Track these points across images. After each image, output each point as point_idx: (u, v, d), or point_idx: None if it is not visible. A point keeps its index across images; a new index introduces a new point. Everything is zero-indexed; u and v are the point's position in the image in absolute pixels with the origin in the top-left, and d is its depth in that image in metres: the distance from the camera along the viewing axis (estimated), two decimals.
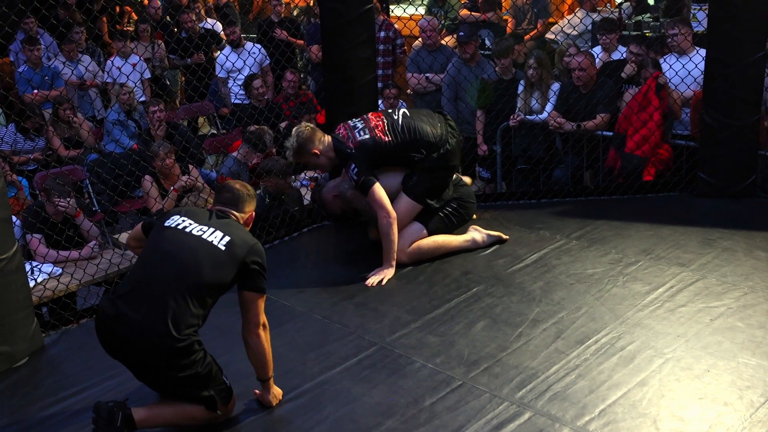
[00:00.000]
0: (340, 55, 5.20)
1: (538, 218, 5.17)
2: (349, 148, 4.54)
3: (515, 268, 4.53)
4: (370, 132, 4.57)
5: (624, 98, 5.85)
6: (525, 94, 6.25)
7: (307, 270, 4.77)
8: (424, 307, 4.16)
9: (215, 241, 3.14)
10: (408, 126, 4.59)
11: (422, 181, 4.62)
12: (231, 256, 3.12)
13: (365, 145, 4.53)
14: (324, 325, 4.05)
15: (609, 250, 4.68)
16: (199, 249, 3.12)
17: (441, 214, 4.75)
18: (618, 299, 4.08)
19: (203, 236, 3.15)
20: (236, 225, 3.26)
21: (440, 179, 4.68)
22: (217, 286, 3.11)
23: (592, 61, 6.06)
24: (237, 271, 3.13)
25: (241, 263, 3.13)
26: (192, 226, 3.20)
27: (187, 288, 3.05)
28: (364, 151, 4.52)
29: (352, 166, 4.50)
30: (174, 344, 2.99)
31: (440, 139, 4.61)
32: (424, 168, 4.60)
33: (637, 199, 5.54)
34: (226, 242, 3.14)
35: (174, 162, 5.88)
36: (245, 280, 3.16)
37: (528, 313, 4.01)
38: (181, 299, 3.03)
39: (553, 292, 4.21)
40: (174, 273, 3.07)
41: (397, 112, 4.69)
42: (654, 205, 5.40)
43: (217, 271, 3.10)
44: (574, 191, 5.70)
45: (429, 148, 4.57)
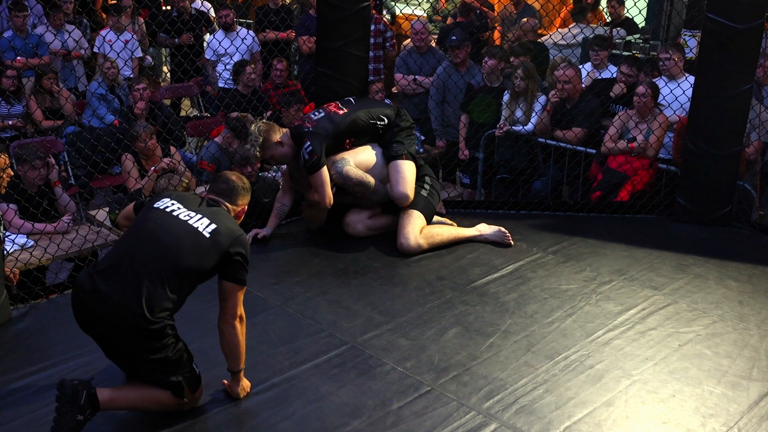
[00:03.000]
0: (334, 49, 5.19)
1: (516, 229, 5.20)
2: (306, 127, 4.72)
3: (490, 278, 4.56)
4: (324, 111, 4.82)
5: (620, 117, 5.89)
6: (511, 104, 6.28)
7: (281, 262, 4.76)
8: (398, 309, 4.17)
9: (200, 228, 3.13)
10: (360, 100, 4.98)
11: (401, 142, 4.92)
12: (214, 244, 3.12)
13: (321, 122, 4.75)
14: (296, 319, 4.05)
15: (584, 267, 4.73)
16: (183, 234, 3.11)
17: (423, 193, 4.96)
18: (590, 317, 4.12)
19: (189, 221, 3.14)
20: (225, 214, 3.25)
21: (412, 138, 5.02)
22: (196, 272, 3.10)
23: (578, 74, 6.11)
24: (219, 260, 3.12)
25: (224, 252, 3.13)
26: (180, 210, 3.19)
27: (165, 271, 3.04)
28: (321, 128, 4.71)
29: (307, 144, 4.64)
30: (146, 326, 2.98)
31: (392, 106, 5.08)
32: (395, 132, 4.92)
33: (614, 218, 5.59)
34: (212, 230, 3.14)
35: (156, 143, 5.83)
36: (227, 270, 3.15)
37: (500, 323, 4.04)
38: (158, 281, 3.02)
39: (527, 304, 4.24)
40: (154, 254, 3.06)
41: (349, 98, 5.00)
42: (631, 226, 5.45)
43: (198, 258, 3.09)
44: (553, 205, 5.74)
45: (387, 114, 4.94)
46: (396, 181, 4.85)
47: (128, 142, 5.80)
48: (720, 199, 5.43)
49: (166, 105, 7.45)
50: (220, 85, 7.75)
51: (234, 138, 6.16)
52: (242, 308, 3.22)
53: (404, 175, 4.85)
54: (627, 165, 5.70)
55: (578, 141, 5.96)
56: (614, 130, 5.80)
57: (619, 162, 5.72)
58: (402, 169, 4.87)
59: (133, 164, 5.82)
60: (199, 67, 8.16)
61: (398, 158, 4.88)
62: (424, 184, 5.01)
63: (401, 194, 4.82)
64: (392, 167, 4.88)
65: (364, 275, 4.58)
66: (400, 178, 4.84)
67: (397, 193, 4.83)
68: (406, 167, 4.88)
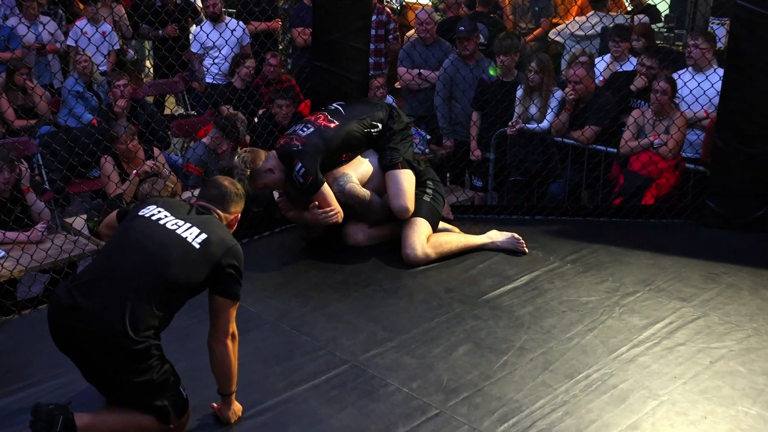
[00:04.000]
0: (331, 42, 5.19)
1: (531, 236, 5.19)
2: (294, 146, 4.66)
3: (503, 289, 4.55)
4: (313, 125, 4.76)
5: (634, 114, 5.89)
6: (524, 100, 6.28)
7: (276, 274, 4.76)
8: (403, 324, 4.16)
9: (189, 238, 3.12)
10: (350, 107, 4.92)
11: (396, 149, 4.90)
12: (205, 255, 3.11)
13: (311, 138, 4.69)
14: (292, 336, 4.05)
15: (606, 277, 4.72)
16: (171, 244, 3.10)
17: (426, 199, 4.96)
18: (613, 332, 4.11)
19: (177, 231, 3.13)
20: (217, 223, 3.25)
21: (408, 140, 5.02)
22: (185, 286, 3.09)
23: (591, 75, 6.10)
24: (210, 273, 3.12)
25: (215, 264, 3.12)
26: (167, 218, 3.18)
27: (151, 285, 3.03)
28: (311, 145, 4.66)
29: (298, 166, 4.61)
30: (130, 345, 2.97)
31: (383, 106, 5.02)
32: (389, 137, 4.90)
33: (638, 223, 5.58)
34: (202, 240, 3.13)
35: (139, 145, 5.84)
36: (218, 284, 3.15)
37: (515, 339, 4.03)
38: (143, 297, 3.00)
39: (543, 318, 4.23)
40: (139, 267, 3.05)
41: (331, 105, 4.96)
42: (656, 231, 5.45)
43: (187, 271, 3.08)
44: (571, 210, 5.74)
45: (381, 118, 4.91)
46: (394, 193, 4.85)
47: (108, 144, 5.79)
48: (753, 201, 5.41)
49: (148, 103, 7.45)
50: (207, 80, 7.76)
51: (223, 138, 6.16)
52: (234, 325, 3.21)
53: (403, 187, 4.85)
54: (651, 166, 5.70)
55: (591, 140, 5.96)
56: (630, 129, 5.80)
57: (642, 162, 5.71)
58: (400, 180, 4.86)
59: (113, 167, 5.82)
60: (184, 61, 8.17)
61: (394, 167, 4.88)
62: (426, 189, 5.01)
63: (401, 207, 4.83)
64: (389, 179, 4.88)
65: (366, 288, 4.57)
66: (398, 190, 4.84)
67: (397, 207, 4.83)
68: (403, 177, 4.88)
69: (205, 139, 6.34)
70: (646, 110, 5.84)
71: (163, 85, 8.03)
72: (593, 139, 5.99)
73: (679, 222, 5.60)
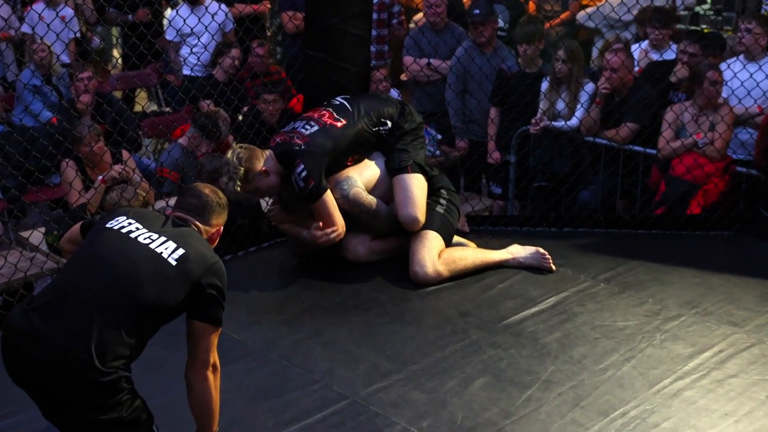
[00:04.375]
0: (327, 28, 5.21)
1: (559, 252, 5.20)
2: (296, 144, 4.66)
3: (527, 313, 4.56)
4: (317, 123, 4.75)
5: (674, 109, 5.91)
6: (550, 94, 6.30)
7: (264, 296, 4.77)
8: (410, 354, 4.17)
9: (165, 254, 3.12)
10: (356, 102, 4.93)
11: (406, 151, 4.93)
12: (183, 273, 3.11)
13: (316, 138, 4.69)
14: (282, 368, 4.05)
15: (645, 298, 4.72)
16: (143, 261, 3.10)
17: (439, 210, 4.98)
18: (653, 362, 4.11)
19: (151, 245, 3.14)
20: (196, 236, 3.25)
21: (420, 141, 5.04)
22: (160, 309, 3.09)
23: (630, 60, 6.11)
24: (188, 294, 3.12)
25: (194, 284, 3.12)
26: (139, 231, 3.18)
27: (121, 308, 3.03)
28: (317, 145, 4.66)
29: (300, 168, 4.60)
30: (96, 378, 2.97)
31: (393, 102, 5.06)
32: (398, 137, 4.93)
33: (682, 236, 5.60)
34: (179, 256, 3.13)
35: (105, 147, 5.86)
36: (197, 307, 3.15)
37: (540, 371, 4.03)
38: (111, 321, 3.00)
39: (573, 347, 4.24)
40: (106, 287, 3.05)
41: (334, 100, 4.97)
42: (703, 245, 5.46)
43: (162, 291, 3.08)
44: (605, 221, 5.75)
45: (391, 115, 4.93)
46: (403, 201, 4.86)
47: (69, 146, 5.81)
48: None
49: (116, 98, 7.47)
50: (184, 72, 7.79)
51: (202, 139, 6.18)
52: (216, 354, 3.21)
53: (412, 194, 4.87)
54: (697, 170, 5.71)
55: (628, 140, 5.97)
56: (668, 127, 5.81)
57: (686, 166, 5.72)
58: (409, 186, 4.88)
59: (75, 173, 5.84)
60: (158, 50, 8.19)
61: (403, 171, 4.91)
62: (439, 199, 5.04)
63: (410, 217, 4.84)
64: (397, 184, 4.90)
65: (368, 311, 4.58)
66: (407, 197, 4.86)
67: (406, 217, 4.85)
68: (414, 183, 4.90)
69: (182, 140, 6.37)
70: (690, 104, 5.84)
71: (133, 77, 8.07)
72: (630, 139, 6.00)
73: (729, 234, 5.63)
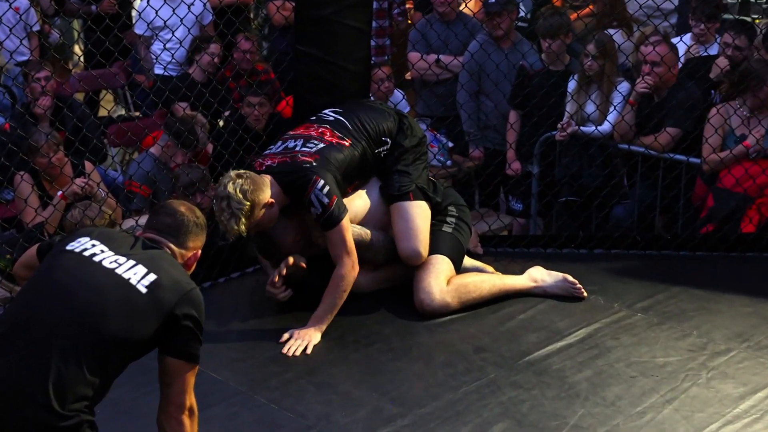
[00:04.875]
0: (321, 19, 5.23)
1: (589, 277, 5.20)
2: (306, 162, 4.59)
3: (552, 348, 4.56)
4: (321, 141, 4.71)
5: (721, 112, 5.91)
6: (579, 95, 6.32)
7: (249, 329, 4.78)
8: (418, 395, 4.17)
9: (134, 280, 3.13)
10: (353, 117, 4.88)
11: (407, 173, 4.89)
12: (154, 303, 3.12)
13: (326, 153, 4.64)
14: (270, 412, 4.05)
15: (689, 330, 4.73)
16: (109, 288, 3.11)
17: (447, 230, 4.98)
18: (699, 404, 4.10)
19: (117, 270, 3.15)
20: (170, 260, 3.26)
21: (422, 161, 5.01)
22: (128, 344, 3.10)
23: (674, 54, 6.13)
24: (160, 327, 3.12)
25: (167, 315, 3.13)
26: (104, 254, 3.19)
27: (83, 343, 3.03)
28: (329, 161, 4.62)
29: (320, 183, 4.52)
30: (55, 422, 2.98)
31: (390, 114, 5.00)
32: (397, 157, 4.89)
33: (731, 258, 5.61)
34: (150, 282, 3.14)
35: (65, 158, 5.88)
36: (171, 342, 3.16)
37: (568, 415, 4.03)
38: (72, 358, 3.01)
39: (606, 387, 4.23)
40: (66, 318, 3.05)
41: (326, 115, 4.93)
42: (756, 269, 5.48)
43: (130, 323, 3.09)
44: (642, 241, 5.76)
45: (389, 131, 4.90)
46: (403, 233, 4.83)
47: (24, 156, 5.83)
48: None
49: (78, 101, 7.50)
50: (156, 71, 7.81)
51: (177, 148, 6.20)
52: (193, 396, 3.22)
53: (414, 225, 4.84)
54: (748, 181, 5.72)
55: (668, 147, 5.98)
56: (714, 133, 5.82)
57: (736, 177, 5.74)
58: (411, 216, 4.85)
59: (31, 188, 5.86)
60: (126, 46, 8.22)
61: (404, 198, 4.87)
62: (446, 218, 5.03)
63: (411, 252, 4.82)
64: (396, 213, 4.87)
65: (369, 347, 4.58)
66: (408, 228, 4.83)
67: (406, 250, 4.82)
68: (415, 212, 4.86)
69: (154, 149, 6.39)
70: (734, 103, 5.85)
71: (97, 77, 8.07)
72: (671, 146, 6.01)
73: None
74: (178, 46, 7.30)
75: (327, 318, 4.63)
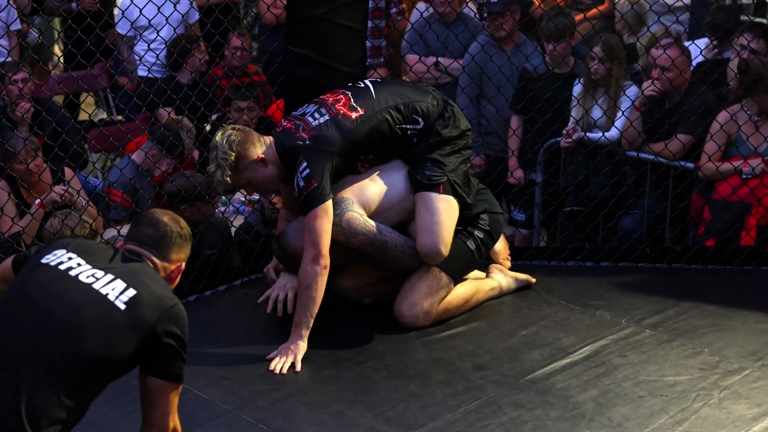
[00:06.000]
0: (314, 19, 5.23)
1: (595, 291, 5.22)
2: (301, 138, 4.62)
3: (556, 366, 4.55)
4: (328, 111, 4.69)
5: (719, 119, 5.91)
6: (585, 99, 6.32)
7: (236, 345, 4.77)
8: (414, 416, 4.15)
9: (112, 295, 3.12)
10: (384, 88, 4.85)
11: (440, 163, 4.78)
12: (134, 319, 3.11)
13: (324, 130, 4.62)
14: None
15: (700, 348, 4.72)
16: (85, 305, 3.10)
17: (470, 246, 4.90)
18: (711, 426, 4.10)
19: (95, 285, 3.14)
20: (150, 274, 3.25)
21: (462, 155, 4.89)
22: (106, 364, 3.09)
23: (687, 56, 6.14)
24: (140, 345, 3.12)
25: (148, 333, 3.12)
26: (81, 268, 3.18)
27: (57, 363, 3.03)
28: (324, 141, 4.60)
29: (303, 165, 4.55)
30: None
31: (436, 97, 4.87)
32: (432, 145, 4.78)
33: (745, 272, 5.62)
34: (130, 298, 3.13)
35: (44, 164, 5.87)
36: (152, 361, 3.15)
37: None
38: (46, 379, 3.01)
39: (613, 407, 4.22)
40: (39, 337, 3.05)
41: (359, 83, 4.91)
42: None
43: (108, 342, 3.08)
44: (651, 253, 5.76)
45: (426, 112, 4.77)
46: (426, 227, 4.74)
47: (1, 162, 5.83)
48: None
49: (58, 104, 7.50)
50: (140, 73, 7.81)
51: (162, 155, 6.20)
52: (176, 418, 3.21)
53: (440, 219, 4.74)
54: (744, 189, 5.74)
55: (680, 155, 5.99)
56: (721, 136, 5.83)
57: (733, 186, 5.75)
58: (437, 209, 4.75)
59: (8, 195, 5.85)
60: (108, 46, 8.23)
61: (434, 189, 4.79)
62: (475, 231, 4.92)
63: (431, 249, 4.74)
64: (422, 203, 4.77)
65: (363, 364, 4.57)
66: (432, 222, 4.74)
67: (425, 247, 4.74)
68: (442, 206, 4.76)
69: (136, 156, 6.38)
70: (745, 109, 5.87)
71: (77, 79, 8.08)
72: (682, 154, 6.01)
73: None
74: (163, 46, 7.32)
75: (303, 324, 4.56)
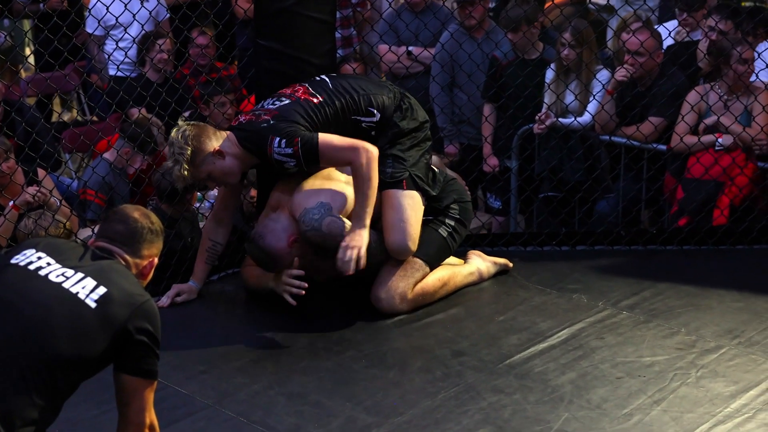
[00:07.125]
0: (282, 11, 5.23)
1: (572, 275, 5.24)
2: (264, 121, 4.71)
3: (534, 350, 4.57)
4: (288, 98, 4.79)
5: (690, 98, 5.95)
6: (556, 85, 6.34)
7: (214, 338, 4.77)
8: (394, 404, 4.16)
9: (82, 294, 3.11)
10: (342, 81, 4.93)
11: (400, 159, 4.84)
12: (104, 317, 3.10)
13: (286, 109, 4.72)
14: (238, 426, 4.04)
15: (677, 328, 4.75)
16: (55, 304, 3.09)
17: (443, 233, 4.98)
18: (688, 404, 4.12)
19: (64, 284, 3.13)
20: (121, 271, 3.24)
21: (422, 147, 4.95)
22: (77, 363, 3.08)
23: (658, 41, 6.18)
24: (112, 343, 3.11)
25: (119, 330, 3.11)
26: (51, 267, 3.18)
27: (28, 363, 3.01)
28: (287, 116, 4.69)
29: (276, 141, 4.61)
30: None
31: (392, 90, 4.96)
32: (391, 139, 4.85)
33: (721, 252, 5.65)
34: (100, 296, 3.12)
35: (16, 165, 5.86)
36: (125, 358, 3.14)
37: (552, 420, 4.04)
38: (17, 380, 2.99)
39: (591, 389, 4.25)
40: (9, 338, 3.03)
41: (317, 77, 4.97)
42: (746, 262, 5.52)
43: (80, 341, 3.07)
44: (627, 236, 5.79)
45: (382, 104, 4.84)
46: (393, 224, 4.80)
47: None
48: None
49: (29, 105, 7.47)
50: (110, 72, 7.80)
51: (134, 152, 6.20)
52: (153, 414, 3.21)
53: (405, 215, 4.81)
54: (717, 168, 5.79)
55: (653, 137, 6.02)
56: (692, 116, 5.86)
57: (705, 165, 5.79)
58: (402, 206, 4.82)
59: None
60: (77, 46, 8.20)
61: (396, 186, 4.84)
62: (446, 219, 5.01)
63: (399, 246, 4.81)
64: (387, 201, 4.83)
65: (341, 354, 4.58)
66: (398, 220, 4.80)
67: (394, 244, 4.81)
68: (407, 202, 4.83)
69: (108, 154, 6.37)
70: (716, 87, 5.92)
71: (48, 80, 8.05)
72: (655, 137, 6.04)
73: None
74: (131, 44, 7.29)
75: (366, 213, 4.67)
